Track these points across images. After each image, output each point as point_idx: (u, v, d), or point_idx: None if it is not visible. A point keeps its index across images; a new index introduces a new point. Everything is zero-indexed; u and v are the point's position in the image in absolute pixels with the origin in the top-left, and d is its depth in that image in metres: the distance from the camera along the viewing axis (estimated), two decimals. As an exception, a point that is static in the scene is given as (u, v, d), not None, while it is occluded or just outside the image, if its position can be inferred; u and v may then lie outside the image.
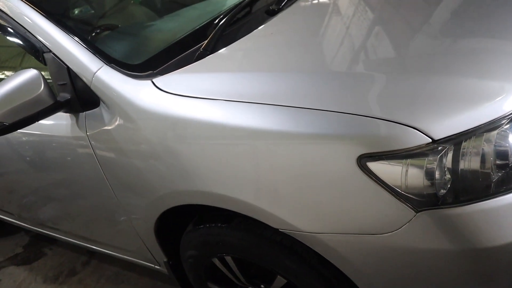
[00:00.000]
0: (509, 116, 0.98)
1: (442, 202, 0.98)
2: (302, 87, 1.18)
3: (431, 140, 0.96)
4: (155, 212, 1.48)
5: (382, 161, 0.99)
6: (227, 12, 1.60)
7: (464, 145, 0.97)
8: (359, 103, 1.06)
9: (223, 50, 1.45)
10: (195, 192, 1.31)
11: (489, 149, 0.97)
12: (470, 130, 0.97)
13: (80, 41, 1.49)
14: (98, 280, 2.47)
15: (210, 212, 1.45)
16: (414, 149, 0.97)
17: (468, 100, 1.00)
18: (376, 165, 1.00)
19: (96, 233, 2.08)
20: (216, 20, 1.58)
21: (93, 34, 1.72)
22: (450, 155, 0.97)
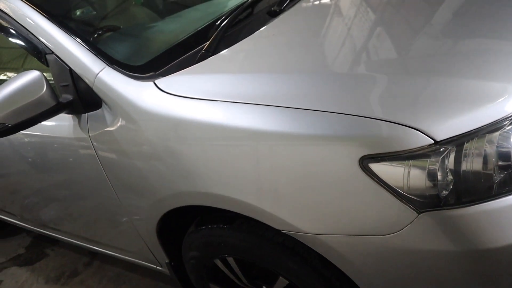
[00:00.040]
0: (511, 117, 0.98)
1: (444, 203, 0.98)
2: (303, 88, 1.18)
3: (433, 141, 0.96)
4: (157, 213, 1.48)
5: (384, 162, 0.99)
6: (229, 14, 1.60)
7: (466, 146, 0.97)
8: (361, 104, 1.06)
9: (225, 52, 1.45)
10: (197, 193, 1.31)
11: (491, 150, 0.97)
12: (472, 131, 0.97)
13: (82, 42, 1.50)
14: (100, 281, 2.48)
15: (212, 213, 1.46)
16: (416, 150, 0.97)
17: (470, 101, 1.00)
18: (378, 166, 1.00)
19: (98, 234, 2.08)
20: (218, 22, 1.58)
21: (95, 36, 1.73)
22: (452, 156, 0.97)
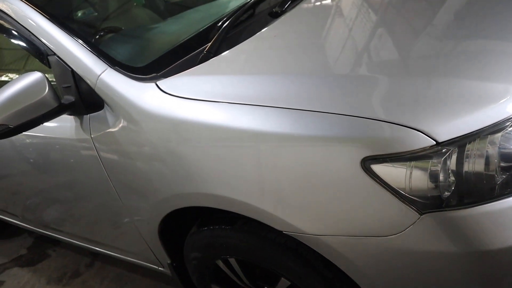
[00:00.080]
0: (513, 119, 0.98)
1: (446, 204, 0.98)
2: (305, 89, 1.18)
3: (435, 142, 0.96)
4: (159, 214, 1.48)
5: (386, 163, 0.99)
6: (231, 15, 1.60)
7: (468, 147, 0.97)
8: (363, 106, 1.06)
9: (226, 53, 1.45)
10: (198, 194, 1.31)
11: (493, 151, 0.97)
12: (475, 133, 0.96)
13: (84, 43, 1.50)
14: (102, 281, 2.48)
15: (214, 214, 1.46)
16: (418, 151, 0.96)
17: (472, 102, 1.00)
18: (380, 167, 1.00)
19: (99, 234, 2.08)
20: (220, 23, 1.58)
21: (97, 37, 1.74)
22: (454, 158, 0.97)
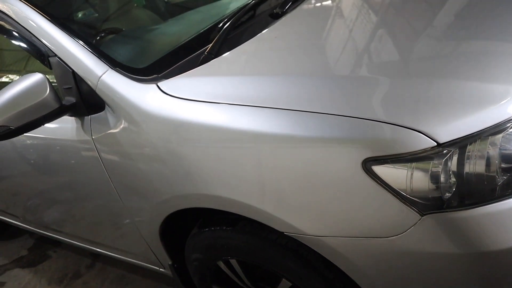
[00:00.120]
0: (514, 120, 0.98)
1: (447, 205, 0.98)
2: (306, 90, 1.18)
3: (436, 143, 0.96)
4: (160, 215, 1.49)
5: (387, 164, 0.99)
6: (231, 16, 1.60)
7: (469, 148, 0.97)
8: (364, 107, 1.06)
9: (227, 54, 1.46)
10: (199, 195, 1.31)
11: (494, 152, 0.97)
12: (475, 134, 0.96)
13: (85, 45, 1.50)
14: (103, 282, 2.48)
15: (215, 215, 1.46)
16: (419, 152, 0.97)
17: (473, 104, 1.00)
18: (381, 168, 1.00)
19: (100, 235, 2.09)
20: (220, 24, 1.58)
21: (98, 38, 1.74)
22: (455, 159, 0.97)
